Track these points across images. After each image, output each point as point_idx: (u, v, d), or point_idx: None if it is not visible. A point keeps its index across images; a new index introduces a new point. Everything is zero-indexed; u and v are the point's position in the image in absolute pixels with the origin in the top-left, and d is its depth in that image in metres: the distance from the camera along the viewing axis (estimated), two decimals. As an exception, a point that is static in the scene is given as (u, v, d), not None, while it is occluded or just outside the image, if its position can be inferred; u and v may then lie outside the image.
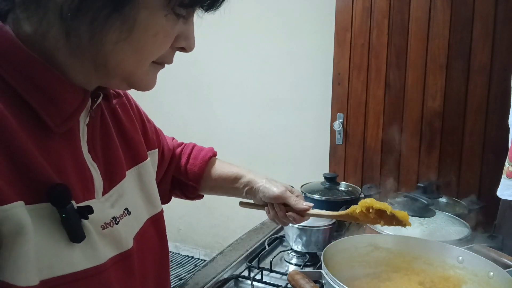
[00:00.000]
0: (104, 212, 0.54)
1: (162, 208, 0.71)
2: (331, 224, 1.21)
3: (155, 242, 0.67)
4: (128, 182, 0.62)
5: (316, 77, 2.50)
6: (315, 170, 2.20)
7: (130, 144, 0.66)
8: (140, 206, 0.64)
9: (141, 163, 0.67)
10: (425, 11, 1.87)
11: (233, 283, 1.09)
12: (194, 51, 0.57)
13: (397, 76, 1.96)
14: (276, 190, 0.86)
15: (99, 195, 0.54)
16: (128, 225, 0.59)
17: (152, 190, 0.69)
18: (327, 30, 2.24)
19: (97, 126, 0.58)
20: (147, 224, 0.65)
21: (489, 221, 1.23)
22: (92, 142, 0.55)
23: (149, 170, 0.69)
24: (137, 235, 0.61)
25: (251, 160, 2.77)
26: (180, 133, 3.04)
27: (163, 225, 0.70)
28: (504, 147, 1.24)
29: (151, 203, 0.68)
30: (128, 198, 0.61)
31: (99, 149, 0.57)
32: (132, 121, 0.69)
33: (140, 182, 0.66)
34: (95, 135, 0.57)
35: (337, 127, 2.10)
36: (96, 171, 0.55)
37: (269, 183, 0.88)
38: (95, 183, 0.54)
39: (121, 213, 0.57)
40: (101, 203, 0.54)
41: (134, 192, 0.64)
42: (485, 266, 0.76)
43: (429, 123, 1.93)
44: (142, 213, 0.65)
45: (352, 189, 1.54)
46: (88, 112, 0.55)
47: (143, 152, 0.69)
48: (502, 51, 1.77)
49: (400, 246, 0.86)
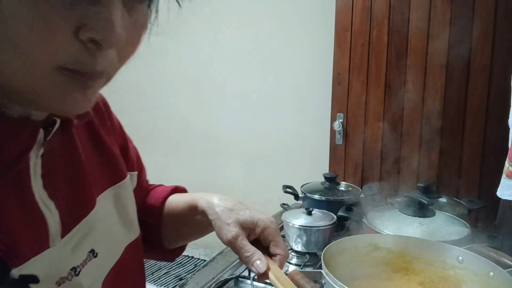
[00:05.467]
0: (60, 264, 0.45)
1: (140, 232, 0.62)
2: (331, 224, 1.21)
3: (132, 273, 0.59)
4: (100, 210, 0.52)
5: (316, 77, 2.50)
6: (315, 170, 2.20)
7: (109, 159, 0.57)
8: (118, 233, 0.56)
9: (119, 182, 0.58)
10: (425, 11, 1.87)
11: (233, 283, 1.09)
12: (194, 51, 0.54)
13: (397, 76, 1.96)
14: (225, 236, 0.63)
15: (56, 241, 0.45)
16: (93, 271, 0.49)
17: (131, 213, 0.60)
18: (327, 30, 2.24)
19: (56, 154, 0.47)
20: (126, 252, 0.56)
21: (489, 221, 1.23)
22: (49, 175, 0.45)
23: (128, 190, 0.60)
24: (107, 277, 0.52)
25: (251, 160, 2.77)
26: (180, 133, 3.06)
27: (142, 251, 0.62)
28: (504, 147, 1.24)
29: (131, 227, 0.59)
30: (97, 233, 0.51)
31: (59, 180, 0.47)
32: (110, 135, 0.59)
33: (117, 205, 0.57)
34: (54, 165, 0.47)
35: (337, 127, 2.10)
36: (52, 212, 0.45)
37: (220, 218, 0.64)
38: (50, 228, 0.44)
39: (84, 259, 0.48)
40: (58, 251, 0.45)
41: (109, 219, 0.55)
42: (485, 266, 0.76)
43: (429, 123, 1.93)
44: (120, 240, 0.56)
45: (352, 189, 1.54)
46: (41, 144, 0.45)
47: (122, 169, 0.59)
48: (502, 51, 1.77)
49: (400, 246, 0.86)
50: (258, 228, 0.64)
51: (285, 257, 0.63)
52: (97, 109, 0.58)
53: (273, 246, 0.64)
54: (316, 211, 1.26)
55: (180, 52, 2.88)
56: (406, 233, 0.95)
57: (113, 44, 0.37)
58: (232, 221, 0.63)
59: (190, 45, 2.81)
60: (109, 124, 0.60)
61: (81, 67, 0.37)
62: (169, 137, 3.10)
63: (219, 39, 2.75)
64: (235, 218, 0.63)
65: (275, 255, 0.64)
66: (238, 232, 0.62)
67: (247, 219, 0.63)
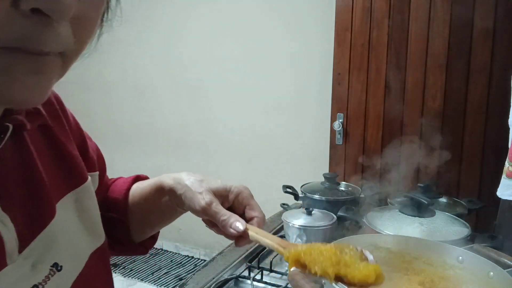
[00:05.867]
0: (20, 282, 0.41)
1: (106, 238, 0.57)
2: (331, 224, 1.21)
3: (99, 282, 0.55)
4: (61, 218, 0.48)
5: (316, 77, 2.50)
6: (315, 170, 2.20)
7: (68, 163, 0.52)
8: (81, 241, 0.51)
9: (80, 186, 0.53)
10: (425, 11, 1.87)
11: (233, 283, 1.09)
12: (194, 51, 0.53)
13: (397, 76, 1.96)
14: (198, 204, 0.60)
15: (14, 257, 0.41)
16: (58, 287, 0.45)
17: (95, 217, 0.55)
18: (327, 30, 2.24)
19: (8, 163, 0.43)
20: (90, 260, 0.52)
21: (489, 221, 1.23)
22: (1, 186, 0.42)
23: (90, 193, 0.55)
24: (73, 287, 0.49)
25: (251, 160, 2.77)
26: (180, 133, 3.06)
27: (108, 257, 0.58)
28: (504, 147, 1.24)
29: (95, 233, 0.54)
30: (59, 244, 0.46)
31: (13, 190, 0.43)
32: (67, 135, 0.54)
33: (79, 210, 0.52)
34: (6, 175, 0.43)
35: (337, 127, 2.10)
36: (7, 226, 0.41)
37: (191, 189, 0.61)
38: (6, 244, 0.40)
39: (46, 274, 0.43)
40: (17, 269, 0.41)
41: (71, 226, 0.50)
42: (485, 266, 0.76)
43: (429, 123, 1.93)
44: (83, 249, 0.52)
45: (352, 189, 1.54)
46: None
47: (82, 172, 0.54)
48: (502, 51, 1.77)
49: (400, 246, 0.86)
50: (232, 194, 0.62)
51: (262, 219, 0.62)
52: (51, 109, 0.52)
53: (248, 210, 0.62)
54: (316, 211, 1.26)
55: (180, 52, 2.88)
56: (406, 233, 0.95)
57: (62, 14, 0.30)
58: (204, 190, 0.60)
59: (190, 45, 2.81)
60: (65, 122, 0.54)
61: (28, 45, 0.30)
62: (169, 137, 3.10)
63: (219, 39, 2.75)
64: (206, 186, 0.61)
65: (251, 218, 0.62)
66: (212, 199, 0.60)
67: (219, 187, 0.62)
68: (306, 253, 0.56)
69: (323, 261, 0.55)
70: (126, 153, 3.22)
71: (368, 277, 0.54)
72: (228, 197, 0.62)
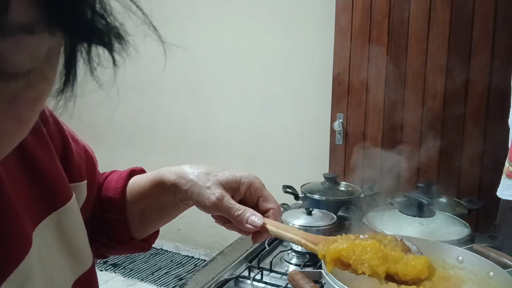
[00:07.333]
0: None
1: (93, 261, 0.51)
2: (331, 224, 1.21)
3: None
4: (38, 248, 0.42)
5: (316, 77, 2.50)
6: (315, 170, 2.20)
7: (47, 182, 0.46)
8: (62, 269, 0.46)
9: (61, 207, 0.46)
10: (425, 11, 1.87)
11: (233, 283, 1.09)
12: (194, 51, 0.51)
13: (397, 76, 1.96)
14: (208, 200, 0.54)
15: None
16: None
17: (78, 241, 0.49)
18: (327, 30, 2.24)
19: None
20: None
21: (489, 221, 1.23)
22: None
23: (74, 214, 0.49)
24: None
25: (251, 160, 2.78)
26: (180, 133, 3.06)
27: (95, 282, 0.52)
28: (504, 147, 1.24)
29: (79, 258, 0.49)
30: (36, 280, 0.41)
31: None
32: (46, 148, 0.46)
33: (61, 234, 0.46)
34: None
35: (337, 127, 2.10)
36: None
37: (197, 184, 0.55)
38: None
39: None
40: None
41: (50, 254, 0.45)
42: (485, 266, 0.76)
43: (429, 123, 1.93)
44: (66, 278, 0.46)
45: (352, 189, 1.54)
46: None
47: (64, 190, 0.48)
48: (502, 51, 1.77)
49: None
50: (243, 185, 0.57)
51: (278, 210, 0.58)
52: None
53: (262, 201, 0.58)
54: (316, 211, 1.26)
55: (180, 52, 2.88)
56: (406, 233, 0.95)
57: None
58: (212, 183, 0.55)
59: (190, 45, 2.81)
60: (45, 131, 0.46)
61: None
62: (169, 137, 3.10)
63: (219, 39, 2.75)
64: (214, 179, 0.55)
65: (266, 210, 0.57)
66: (222, 193, 0.55)
67: (229, 178, 0.56)
68: (349, 251, 0.50)
69: (370, 259, 0.49)
70: (126, 153, 3.22)
71: (422, 272, 0.49)
72: (239, 189, 0.57)
